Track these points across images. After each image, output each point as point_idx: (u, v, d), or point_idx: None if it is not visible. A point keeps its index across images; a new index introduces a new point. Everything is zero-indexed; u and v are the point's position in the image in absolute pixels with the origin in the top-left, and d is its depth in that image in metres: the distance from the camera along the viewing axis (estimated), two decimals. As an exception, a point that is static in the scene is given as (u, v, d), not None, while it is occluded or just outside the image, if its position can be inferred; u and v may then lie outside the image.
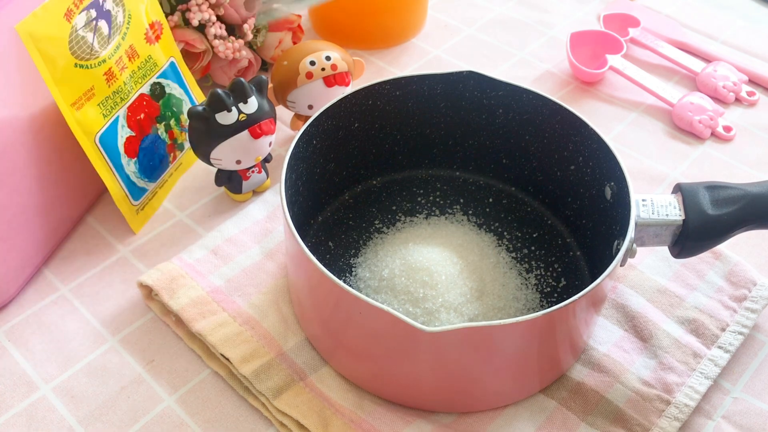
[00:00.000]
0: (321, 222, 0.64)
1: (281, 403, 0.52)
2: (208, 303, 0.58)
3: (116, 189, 0.62)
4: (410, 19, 0.85)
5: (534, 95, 0.60)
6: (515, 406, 0.53)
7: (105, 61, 0.59)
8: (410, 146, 0.66)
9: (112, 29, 0.60)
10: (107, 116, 0.60)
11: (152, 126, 0.65)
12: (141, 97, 0.64)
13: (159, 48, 0.66)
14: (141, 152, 0.64)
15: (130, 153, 0.63)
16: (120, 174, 0.62)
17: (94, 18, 0.58)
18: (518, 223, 0.64)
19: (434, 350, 0.48)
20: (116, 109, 0.61)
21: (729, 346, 0.56)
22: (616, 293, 0.59)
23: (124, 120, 0.62)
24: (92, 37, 0.58)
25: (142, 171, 0.64)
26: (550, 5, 0.92)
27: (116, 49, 0.60)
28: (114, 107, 0.61)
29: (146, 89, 0.64)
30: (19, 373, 0.55)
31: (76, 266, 0.62)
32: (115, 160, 0.61)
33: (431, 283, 0.55)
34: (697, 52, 0.84)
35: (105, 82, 0.60)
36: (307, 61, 0.66)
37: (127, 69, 0.62)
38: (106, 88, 0.60)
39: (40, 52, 0.54)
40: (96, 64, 0.59)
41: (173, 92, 0.67)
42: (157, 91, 0.66)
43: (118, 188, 0.62)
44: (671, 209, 0.52)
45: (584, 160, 0.59)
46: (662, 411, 0.53)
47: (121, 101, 0.62)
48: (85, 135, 0.59)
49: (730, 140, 0.75)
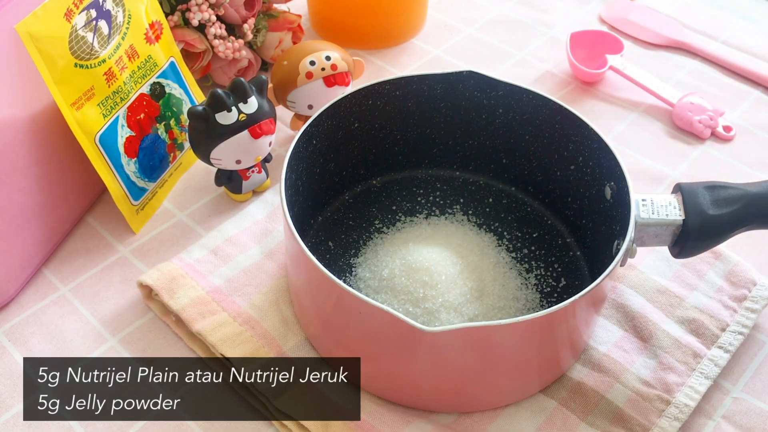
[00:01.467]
0: (321, 222, 0.64)
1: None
2: (208, 303, 0.58)
3: (116, 189, 0.62)
4: (410, 19, 0.85)
5: (534, 95, 0.60)
6: (515, 406, 0.53)
7: (105, 61, 0.59)
8: (410, 146, 0.66)
9: (112, 29, 0.60)
10: (107, 116, 0.60)
11: (152, 126, 0.65)
12: (141, 96, 0.64)
13: (159, 48, 0.66)
14: (141, 152, 0.64)
15: (130, 153, 0.63)
16: (120, 174, 0.62)
17: (94, 18, 0.58)
18: (518, 223, 0.64)
19: (434, 350, 0.48)
20: (116, 109, 0.61)
21: (729, 346, 0.56)
22: (616, 293, 0.59)
23: (124, 120, 0.62)
24: (92, 36, 0.57)
25: (142, 171, 0.64)
26: (550, 5, 0.92)
27: (116, 49, 0.60)
28: (114, 107, 0.61)
29: (146, 89, 0.64)
30: (19, 373, 0.55)
31: (76, 266, 0.62)
32: (115, 160, 0.61)
33: (431, 283, 0.55)
34: (697, 51, 0.84)
35: (105, 82, 0.60)
36: (307, 61, 0.66)
37: (127, 69, 0.62)
38: (106, 88, 0.60)
39: (40, 52, 0.54)
40: (96, 64, 0.58)
41: (173, 92, 0.67)
42: (157, 91, 0.65)
43: (118, 188, 0.62)
44: (671, 209, 0.52)
45: (584, 160, 0.59)
46: (662, 411, 0.52)
47: (121, 101, 0.61)
48: (85, 135, 0.59)
49: (730, 140, 0.75)
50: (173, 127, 0.68)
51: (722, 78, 0.82)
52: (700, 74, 0.82)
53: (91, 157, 0.59)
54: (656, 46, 0.86)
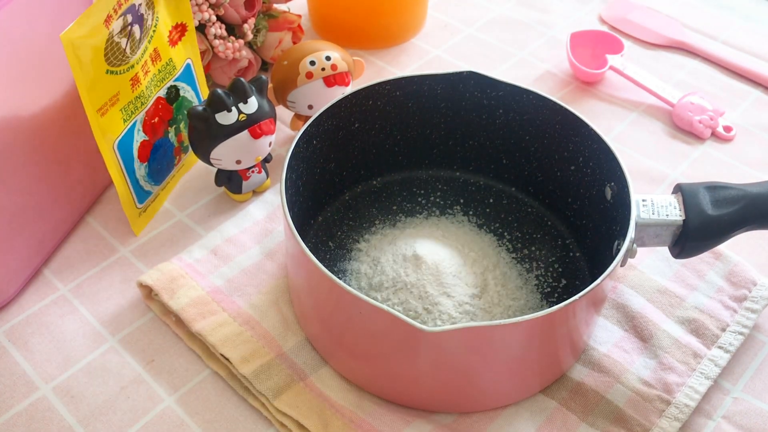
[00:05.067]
0: (321, 222, 0.64)
1: (281, 403, 0.52)
2: (208, 303, 0.58)
3: (125, 193, 0.61)
4: (410, 19, 0.85)
5: (534, 95, 0.60)
6: (515, 406, 0.53)
7: (133, 67, 0.58)
8: (410, 146, 0.66)
9: (143, 33, 0.58)
10: (127, 121, 0.59)
11: (164, 130, 0.64)
12: (158, 100, 0.63)
13: (179, 50, 0.64)
14: (152, 156, 0.63)
15: (143, 157, 0.62)
16: (131, 179, 0.62)
17: (130, 23, 0.56)
18: (518, 224, 0.64)
19: (434, 350, 0.48)
20: (136, 113, 0.60)
21: (729, 346, 0.56)
22: (616, 293, 0.59)
23: (140, 124, 0.61)
24: (125, 42, 0.56)
25: (150, 175, 0.64)
26: (550, 5, 0.92)
27: (143, 54, 0.59)
28: (134, 112, 0.60)
29: (163, 93, 0.63)
30: (19, 373, 0.55)
31: (76, 266, 0.62)
32: (129, 165, 0.61)
33: (431, 283, 0.55)
34: (697, 52, 0.84)
35: (130, 88, 0.58)
36: (307, 61, 0.66)
37: (149, 73, 0.60)
38: (130, 93, 0.59)
39: (78, 59, 0.52)
40: (125, 70, 0.57)
41: (186, 95, 0.66)
42: (172, 95, 0.64)
43: (127, 193, 0.62)
44: (671, 209, 0.52)
45: (584, 161, 0.59)
46: (662, 411, 0.53)
47: (141, 106, 0.60)
48: (106, 141, 0.58)
49: (730, 140, 0.75)
50: (182, 130, 0.67)
51: (722, 78, 0.82)
52: (700, 74, 0.82)
53: (108, 163, 0.58)
54: (656, 46, 0.86)
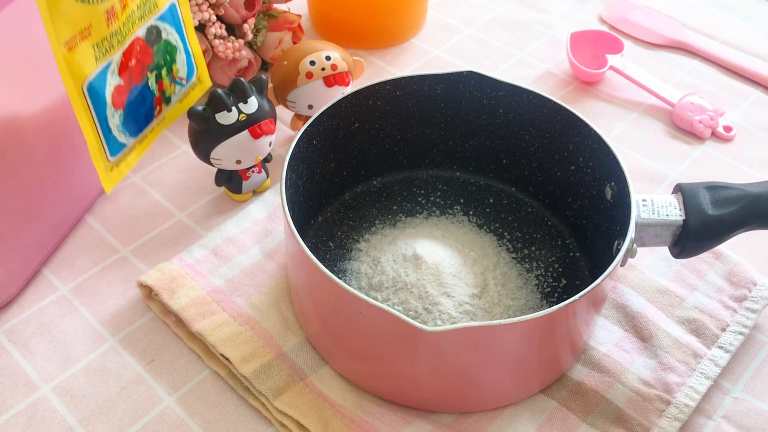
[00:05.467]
0: (321, 222, 0.64)
1: (281, 403, 0.52)
2: (208, 303, 0.58)
3: (95, 143, 0.55)
4: (410, 19, 0.85)
5: (534, 95, 0.60)
6: (515, 406, 0.53)
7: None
8: (410, 146, 0.66)
9: None
10: (99, 60, 0.53)
11: (143, 75, 0.58)
12: (136, 41, 0.56)
13: None
14: (128, 104, 0.57)
15: (117, 104, 0.56)
16: (102, 127, 0.55)
17: None
18: (518, 224, 0.64)
19: (434, 350, 0.48)
20: (111, 53, 0.54)
21: (729, 346, 0.56)
22: (616, 293, 0.59)
23: (115, 66, 0.55)
24: None
25: (125, 125, 0.58)
26: (550, 5, 0.92)
27: None
28: (109, 50, 0.53)
29: (142, 32, 0.57)
30: (19, 373, 0.55)
31: (76, 266, 0.62)
32: (100, 111, 0.55)
33: (431, 282, 0.55)
34: (697, 52, 0.84)
35: (105, 21, 0.52)
36: (307, 61, 0.66)
37: (128, 7, 0.54)
38: (104, 28, 0.52)
39: None
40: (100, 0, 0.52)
41: (169, 38, 0.60)
42: (153, 36, 0.58)
43: (97, 142, 0.55)
44: (671, 209, 0.52)
45: (584, 160, 0.59)
46: (662, 411, 0.52)
47: (117, 44, 0.54)
48: (73, 80, 0.51)
49: (730, 140, 0.75)
50: (164, 78, 0.61)
51: (722, 78, 0.82)
52: (700, 74, 0.82)
53: (76, 107, 0.53)
54: (656, 46, 0.86)
